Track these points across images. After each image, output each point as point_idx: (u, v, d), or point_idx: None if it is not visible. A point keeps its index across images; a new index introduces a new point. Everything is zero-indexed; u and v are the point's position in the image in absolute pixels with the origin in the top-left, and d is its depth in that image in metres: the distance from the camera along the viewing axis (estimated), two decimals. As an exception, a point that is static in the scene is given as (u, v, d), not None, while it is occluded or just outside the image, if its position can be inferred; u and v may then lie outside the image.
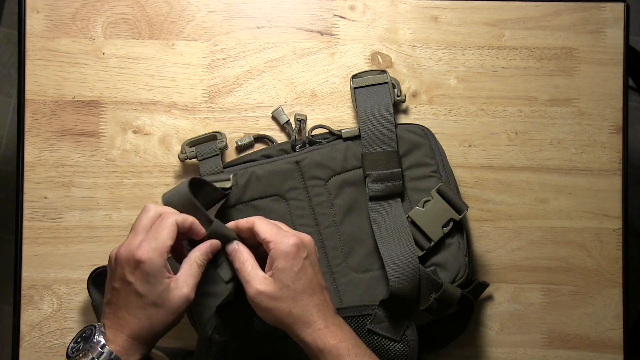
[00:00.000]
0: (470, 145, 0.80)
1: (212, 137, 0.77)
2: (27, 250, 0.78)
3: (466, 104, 0.80)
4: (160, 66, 0.79)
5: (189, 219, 0.63)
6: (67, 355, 0.60)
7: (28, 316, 0.78)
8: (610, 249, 0.80)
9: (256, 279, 0.61)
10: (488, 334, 0.80)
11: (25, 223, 0.78)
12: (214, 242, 0.64)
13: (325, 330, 0.61)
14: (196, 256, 0.62)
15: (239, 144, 0.78)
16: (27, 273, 0.78)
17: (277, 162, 0.75)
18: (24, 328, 0.78)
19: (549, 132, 0.80)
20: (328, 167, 0.75)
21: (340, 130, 0.76)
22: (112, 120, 0.79)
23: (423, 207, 0.73)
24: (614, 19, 0.80)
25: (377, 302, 0.72)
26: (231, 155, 0.78)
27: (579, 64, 0.80)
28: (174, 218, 0.61)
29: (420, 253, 0.72)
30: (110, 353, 0.57)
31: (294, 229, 0.70)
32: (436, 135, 0.77)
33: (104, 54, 0.79)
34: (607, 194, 0.80)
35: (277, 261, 0.61)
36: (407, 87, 0.80)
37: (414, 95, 0.80)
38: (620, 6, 0.80)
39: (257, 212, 0.74)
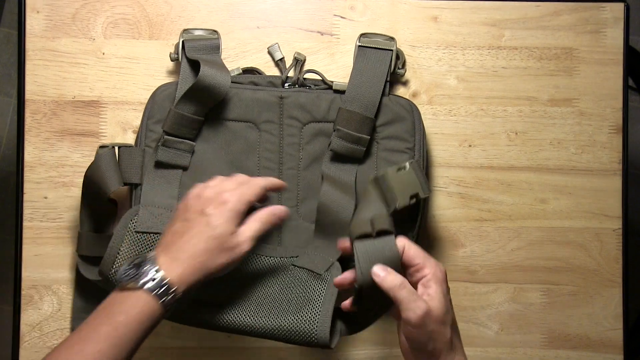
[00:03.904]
0: (470, 145, 0.80)
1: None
2: (27, 250, 0.78)
3: (466, 104, 0.80)
4: (160, 66, 0.79)
5: (276, 185, 0.68)
6: (116, 280, 0.59)
7: (28, 316, 0.78)
8: (610, 249, 0.80)
9: (419, 301, 0.58)
10: (488, 334, 0.80)
11: (25, 223, 0.78)
12: (284, 210, 0.66)
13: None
14: (262, 215, 0.64)
15: None
16: (27, 273, 0.78)
17: (262, 91, 0.75)
18: (24, 328, 0.78)
19: (549, 132, 0.80)
20: (309, 112, 0.75)
21: (332, 81, 0.76)
22: (112, 120, 0.79)
23: (397, 172, 0.68)
24: (614, 19, 0.80)
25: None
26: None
27: (579, 64, 0.80)
28: (264, 182, 0.66)
29: (385, 209, 0.67)
30: (163, 279, 0.57)
31: (258, 163, 0.74)
32: (436, 135, 0.77)
33: (104, 54, 0.79)
34: (607, 194, 0.80)
35: (438, 286, 0.60)
36: (407, 87, 0.80)
37: (414, 95, 0.80)
38: (620, 6, 0.80)
39: (229, 132, 0.74)
